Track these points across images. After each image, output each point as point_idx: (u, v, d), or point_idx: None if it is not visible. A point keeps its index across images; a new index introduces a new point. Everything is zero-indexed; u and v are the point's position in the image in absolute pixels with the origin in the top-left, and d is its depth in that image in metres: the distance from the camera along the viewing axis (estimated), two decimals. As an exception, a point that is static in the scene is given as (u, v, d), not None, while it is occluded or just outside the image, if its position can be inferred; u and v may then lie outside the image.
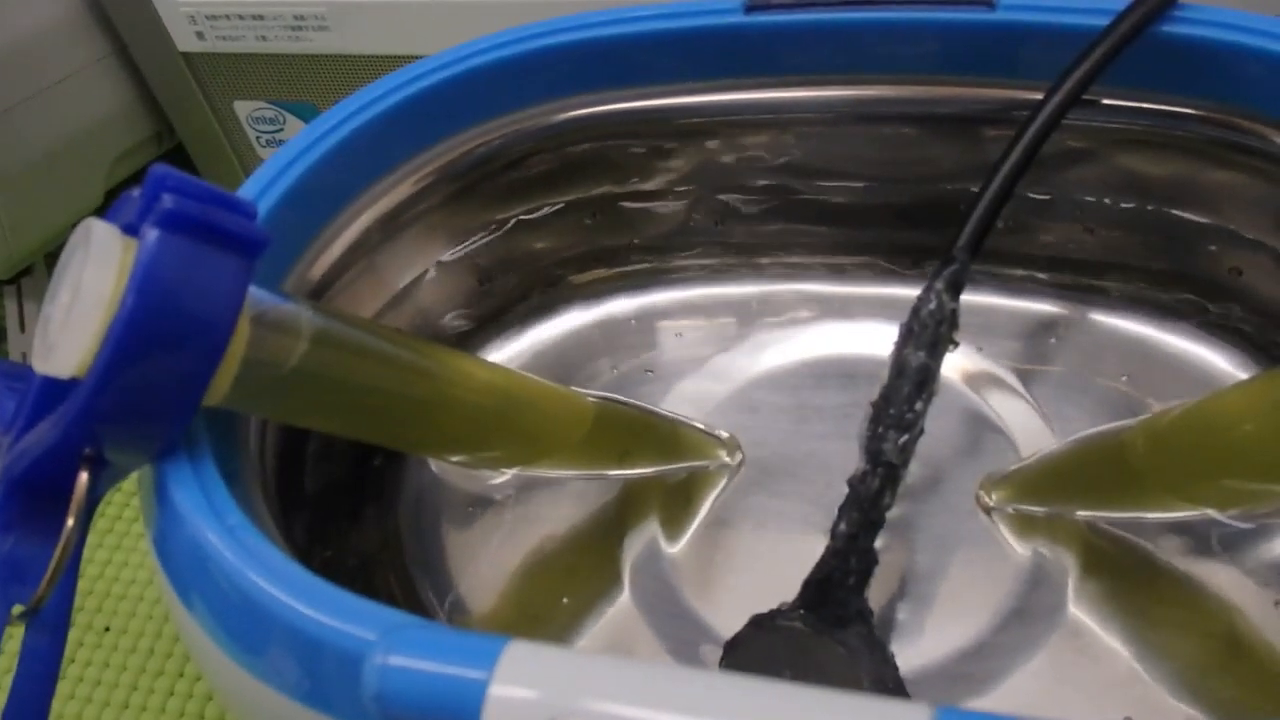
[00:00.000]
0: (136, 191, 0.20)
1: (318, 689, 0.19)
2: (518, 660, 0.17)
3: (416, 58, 0.31)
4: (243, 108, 0.48)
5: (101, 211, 0.21)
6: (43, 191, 0.47)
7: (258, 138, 0.49)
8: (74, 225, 0.20)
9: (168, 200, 0.19)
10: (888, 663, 0.26)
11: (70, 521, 0.20)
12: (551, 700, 0.16)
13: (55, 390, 0.21)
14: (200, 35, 0.45)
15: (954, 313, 0.27)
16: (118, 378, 0.19)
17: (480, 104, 0.32)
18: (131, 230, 0.20)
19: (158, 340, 0.19)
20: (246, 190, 0.27)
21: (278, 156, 0.28)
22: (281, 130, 0.49)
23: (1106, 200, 0.33)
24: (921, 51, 0.31)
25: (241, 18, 0.44)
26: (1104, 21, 0.28)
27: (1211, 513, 0.27)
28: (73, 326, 0.19)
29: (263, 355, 0.21)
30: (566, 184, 0.35)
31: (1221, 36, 0.28)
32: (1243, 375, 0.33)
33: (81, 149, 0.48)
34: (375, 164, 0.31)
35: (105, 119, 0.49)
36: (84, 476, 0.20)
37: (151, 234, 0.19)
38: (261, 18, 0.44)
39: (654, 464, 0.33)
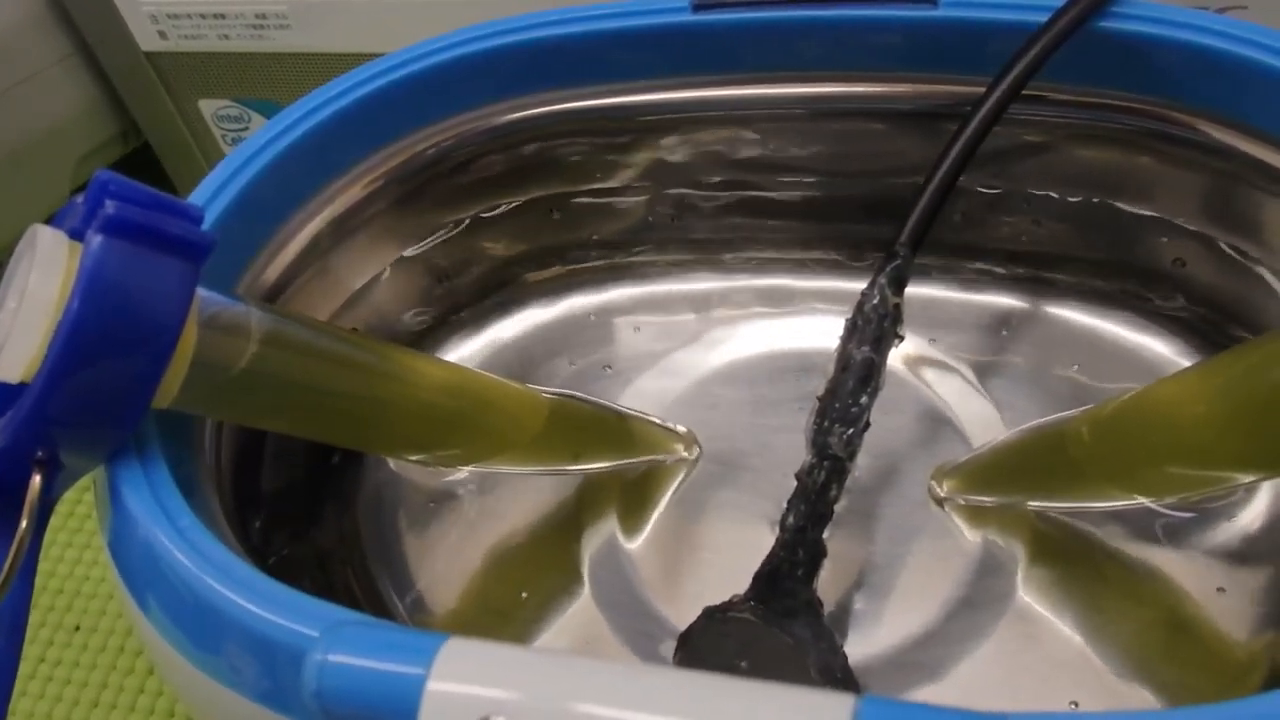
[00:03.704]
0: (81, 198, 0.21)
1: (271, 688, 0.20)
2: (456, 656, 0.17)
3: (379, 55, 0.31)
4: (208, 106, 0.48)
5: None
6: (7, 191, 0.47)
7: (223, 135, 0.49)
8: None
9: (110, 206, 0.19)
10: (835, 652, 0.26)
11: (24, 524, 0.20)
12: (489, 695, 0.17)
13: (5, 394, 0.21)
14: (163, 34, 0.45)
15: (898, 307, 0.27)
16: (64, 381, 0.19)
17: (431, 105, 0.32)
18: (77, 236, 0.20)
19: (104, 343, 0.19)
20: (198, 195, 0.27)
21: (229, 161, 0.28)
22: (247, 128, 0.49)
23: (1054, 194, 0.34)
24: (868, 48, 0.31)
25: (203, 16, 0.44)
26: (1043, 18, 0.29)
27: (1149, 502, 0.27)
28: (19, 331, 0.19)
29: (212, 357, 0.22)
30: (521, 183, 0.35)
31: (1152, 31, 0.29)
32: (1188, 363, 0.33)
33: (46, 149, 0.48)
34: (327, 166, 0.31)
35: (69, 119, 0.49)
36: (36, 479, 0.21)
37: (95, 239, 0.19)
38: (223, 16, 0.44)
39: (611, 459, 0.33)
